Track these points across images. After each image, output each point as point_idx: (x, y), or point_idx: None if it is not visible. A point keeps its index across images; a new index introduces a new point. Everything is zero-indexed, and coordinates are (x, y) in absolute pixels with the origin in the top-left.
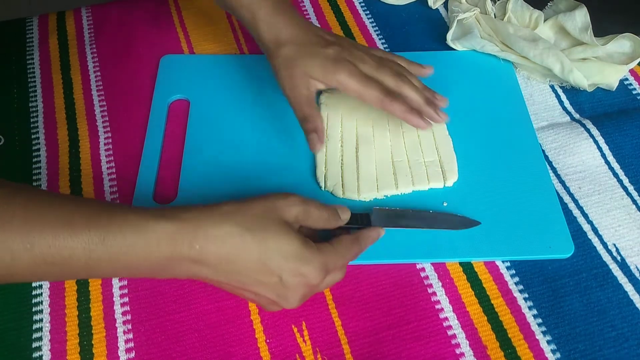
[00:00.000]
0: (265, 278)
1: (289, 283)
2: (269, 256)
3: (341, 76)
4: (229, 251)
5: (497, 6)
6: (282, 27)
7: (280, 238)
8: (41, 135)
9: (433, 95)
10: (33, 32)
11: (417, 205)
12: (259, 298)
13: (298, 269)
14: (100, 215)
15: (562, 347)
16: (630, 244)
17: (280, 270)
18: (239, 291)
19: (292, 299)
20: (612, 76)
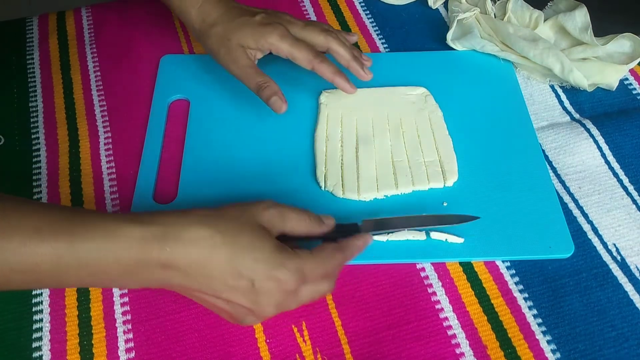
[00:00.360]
0: (237, 282)
1: (262, 288)
2: (240, 259)
3: (272, 38)
4: (199, 254)
5: (497, 6)
6: (210, 10)
7: (252, 241)
8: (41, 135)
9: (360, 54)
10: (33, 32)
11: (417, 205)
12: (233, 307)
13: (270, 272)
14: (69, 221)
15: (562, 347)
16: (630, 244)
17: (252, 274)
18: (212, 301)
19: (267, 306)
20: (612, 76)
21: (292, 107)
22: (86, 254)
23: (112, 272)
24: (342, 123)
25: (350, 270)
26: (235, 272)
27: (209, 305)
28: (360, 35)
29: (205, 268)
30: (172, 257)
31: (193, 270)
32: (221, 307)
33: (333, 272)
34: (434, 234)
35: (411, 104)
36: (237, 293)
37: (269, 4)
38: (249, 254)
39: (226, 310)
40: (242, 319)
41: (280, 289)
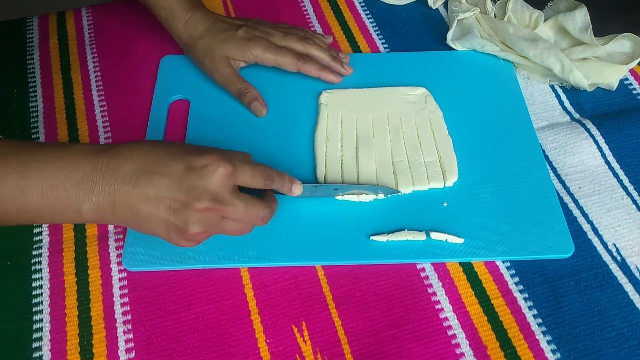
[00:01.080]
0: (174, 169)
1: (198, 171)
2: (176, 150)
3: (256, 51)
4: (141, 153)
5: (497, 6)
6: (196, 25)
7: (184, 146)
8: (41, 135)
9: (337, 53)
10: (33, 32)
11: (417, 205)
12: (173, 210)
13: (204, 156)
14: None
15: (562, 347)
16: (630, 244)
17: (186, 160)
18: (153, 211)
19: (202, 192)
20: (612, 76)
21: (292, 107)
22: (48, 167)
23: (69, 185)
24: (342, 123)
25: (350, 270)
26: (171, 164)
27: (152, 223)
28: (360, 35)
29: (145, 167)
30: (118, 161)
31: (135, 170)
32: (161, 215)
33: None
34: (434, 234)
35: (411, 104)
36: (173, 185)
37: (269, 4)
38: (180, 150)
39: (169, 221)
40: (185, 225)
41: (214, 172)
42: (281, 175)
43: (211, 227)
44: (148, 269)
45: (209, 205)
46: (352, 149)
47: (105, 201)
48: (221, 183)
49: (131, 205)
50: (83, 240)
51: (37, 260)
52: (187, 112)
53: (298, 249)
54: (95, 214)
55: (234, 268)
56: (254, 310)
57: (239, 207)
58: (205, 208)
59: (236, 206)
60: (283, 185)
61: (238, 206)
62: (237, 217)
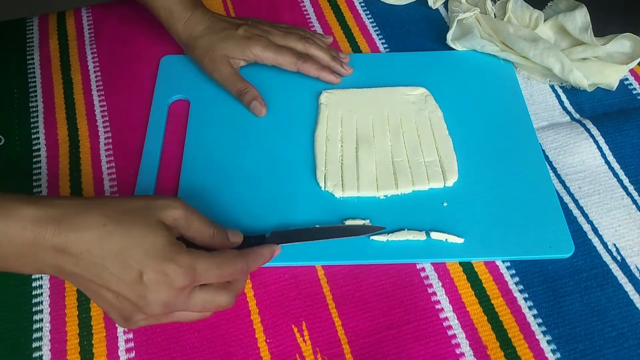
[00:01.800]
0: (126, 274)
1: (150, 281)
2: (130, 250)
3: (256, 49)
4: (91, 240)
5: (497, 6)
6: (196, 24)
7: (145, 234)
8: (41, 135)
9: (337, 53)
10: (33, 32)
11: (417, 205)
12: (121, 303)
13: (159, 266)
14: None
15: (562, 347)
16: (630, 244)
17: (140, 266)
18: (102, 293)
19: (154, 303)
20: (612, 76)
21: (292, 107)
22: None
23: (7, 253)
24: (342, 123)
25: (350, 270)
26: (125, 263)
27: (98, 300)
28: (360, 35)
29: (96, 256)
30: (65, 241)
31: (84, 256)
32: (110, 301)
33: (233, 282)
34: (434, 234)
35: (411, 104)
36: (125, 285)
37: (269, 4)
38: (139, 246)
39: (115, 306)
40: (130, 317)
41: (168, 284)
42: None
43: (159, 321)
44: None
45: (160, 312)
46: (352, 149)
47: (48, 270)
48: (175, 295)
49: (77, 281)
50: None
51: None
52: (187, 112)
53: (298, 249)
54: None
55: None
56: (254, 310)
57: (195, 307)
58: (154, 315)
59: (191, 307)
60: (262, 264)
61: (194, 307)
62: (193, 313)
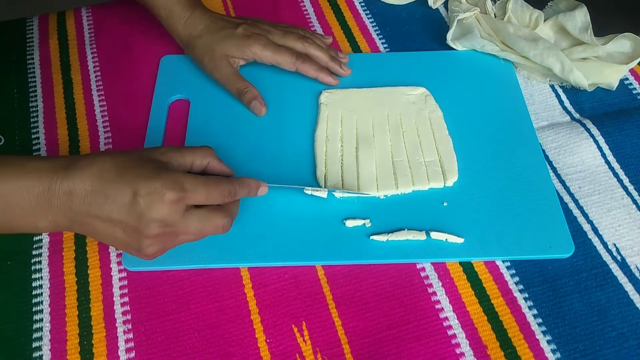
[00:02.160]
0: (122, 197)
1: (143, 199)
2: (124, 175)
3: (255, 48)
4: (92, 175)
5: (497, 6)
6: (195, 23)
7: (137, 160)
8: (41, 135)
9: (336, 53)
10: (33, 32)
11: (417, 205)
12: (126, 232)
13: (150, 183)
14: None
15: (562, 347)
16: (631, 244)
17: (133, 186)
18: (108, 229)
19: (150, 220)
20: (613, 76)
21: (292, 107)
22: (2, 187)
23: (25, 204)
24: (342, 123)
25: (350, 270)
26: (121, 188)
27: (109, 239)
28: (360, 35)
29: (97, 188)
30: (72, 182)
31: (88, 192)
32: (118, 236)
33: (225, 205)
34: (434, 234)
35: (411, 104)
36: (123, 210)
37: (269, 4)
38: (132, 170)
39: (124, 241)
40: (139, 245)
41: (160, 199)
42: (244, 184)
43: (167, 246)
44: (148, 268)
45: (159, 231)
46: (352, 148)
47: (63, 219)
48: (168, 210)
49: (88, 224)
50: (83, 240)
51: (37, 260)
52: (187, 112)
53: (298, 249)
54: (54, 229)
55: (234, 268)
56: (254, 310)
57: (193, 225)
58: (155, 234)
59: (189, 226)
60: (249, 193)
61: (192, 225)
62: (194, 234)
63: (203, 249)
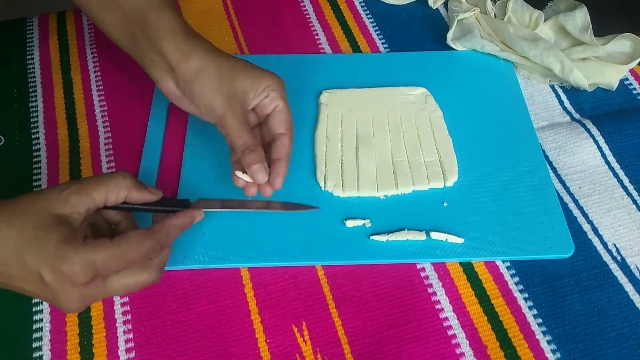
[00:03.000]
0: (29, 277)
1: (52, 282)
2: (25, 253)
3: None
4: (4, 242)
5: (497, 6)
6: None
7: (36, 234)
8: (41, 135)
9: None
10: (33, 32)
11: (417, 205)
12: (40, 298)
13: (55, 267)
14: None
15: (562, 347)
16: (631, 244)
17: (38, 268)
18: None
19: (68, 301)
20: (613, 76)
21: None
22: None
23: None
24: (342, 123)
25: (350, 270)
26: (25, 268)
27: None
28: (360, 35)
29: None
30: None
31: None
32: (44, 297)
33: (149, 260)
34: (434, 234)
35: (411, 104)
36: (35, 288)
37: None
38: (33, 248)
39: (37, 295)
40: (61, 307)
41: (70, 283)
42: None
43: (98, 297)
44: None
45: (80, 304)
46: (352, 148)
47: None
48: (84, 289)
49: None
50: None
51: None
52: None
53: (298, 249)
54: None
55: (234, 268)
56: (254, 310)
57: (118, 291)
58: (77, 307)
59: (114, 292)
60: (180, 231)
61: (116, 291)
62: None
63: (203, 249)
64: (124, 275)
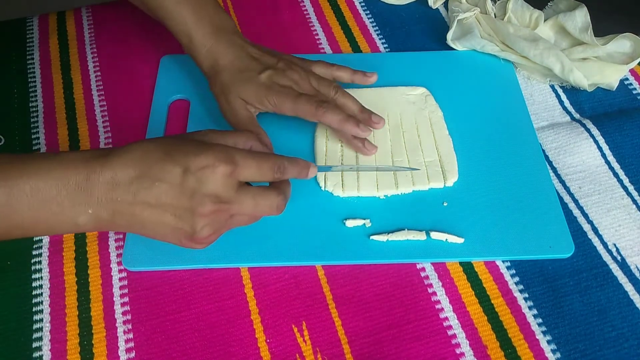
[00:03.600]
0: (172, 176)
1: (195, 175)
2: (170, 154)
3: (273, 100)
4: (134, 160)
5: (497, 6)
6: (219, 55)
7: (181, 139)
8: (41, 135)
9: (369, 114)
10: (33, 32)
11: (417, 205)
12: (177, 216)
13: (199, 158)
14: (18, 155)
15: (562, 347)
16: (631, 244)
17: (182, 164)
18: (157, 217)
19: (204, 196)
20: (613, 76)
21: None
22: (36, 182)
23: (62, 199)
24: None
25: (350, 270)
26: (169, 168)
27: (159, 229)
28: (360, 35)
29: (142, 173)
30: (113, 170)
31: (133, 178)
32: (170, 223)
33: (274, 180)
34: (434, 234)
35: (411, 104)
36: (174, 191)
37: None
38: (178, 148)
39: (176, 227)
40: (193, 229)
41: (212, 173)
42: (294, 162)
43: (220, 228)
44: (148, 268)
45: (214, 208)
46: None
47: (104, 212)
48: (223, 184)
49: (134, 215)
50: (83, 240)
51: (37, 260)
52: (187, 112)
53: (298, 249)
54: (95, 224)
55: (234, 268)
56: (254, 310)
57: (247, 203)
58: (210, 212)
59: (243, 203)
60: (299, 173)
61: (246, 202)
62: (248, 212)
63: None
64: (254, 188)
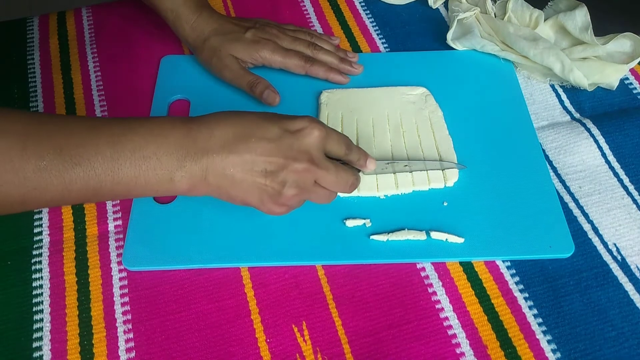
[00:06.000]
0: (270, 131)
1: (294, 133)
2: (267, 117)
3: (264, 53)
4: (232, 120)
5: (497, 5)
6: (203, 26)
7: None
8: None
9: (345, 54)
10: (33, 32)
11: (417, 205)
12: (268, 175)
13: (298, 121)
14: (121, 118)
15: (562, 347)
16: (631, 244)
17: (280, 121)
18: (248, 178)
19: (302, 150)
20: (613, 75)
21: (293, 107)
22: (139, 138)
23: (161, 154)
24: (342, 123)
25: (350, 270)
26: (267, 126)
27: (247, 191)
28: (360, 35)
29: (240, 132)
30: (210, 129)
31: (230, 136)
32: (258, 183)
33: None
34: (434, 234)
35: (411, 104)
36: (271, 145)
37: (269, 4)
38: (272, 115)
39: (265, 188)
40: (280, 189)
41: (310, 134)
42: (358, 148)
43: (304, 191)
44: (148, 268)
45: (306, 166)
46: None
47: (198, 168)
48: (317, 145)
49: (225, 172)
50: (83, 240)
51: (37, 260)
52: (187, 112)
53: (298, 249)
54: (188, 181)
55: (234, 268)
56: (254, 310)
57: (331, 172)
58: (302, 169)
59: (329, 170)
60: (359, 158)
61: (331, 170)
62: (329, 182)
63: (203, 249)
64: (336, 163)
